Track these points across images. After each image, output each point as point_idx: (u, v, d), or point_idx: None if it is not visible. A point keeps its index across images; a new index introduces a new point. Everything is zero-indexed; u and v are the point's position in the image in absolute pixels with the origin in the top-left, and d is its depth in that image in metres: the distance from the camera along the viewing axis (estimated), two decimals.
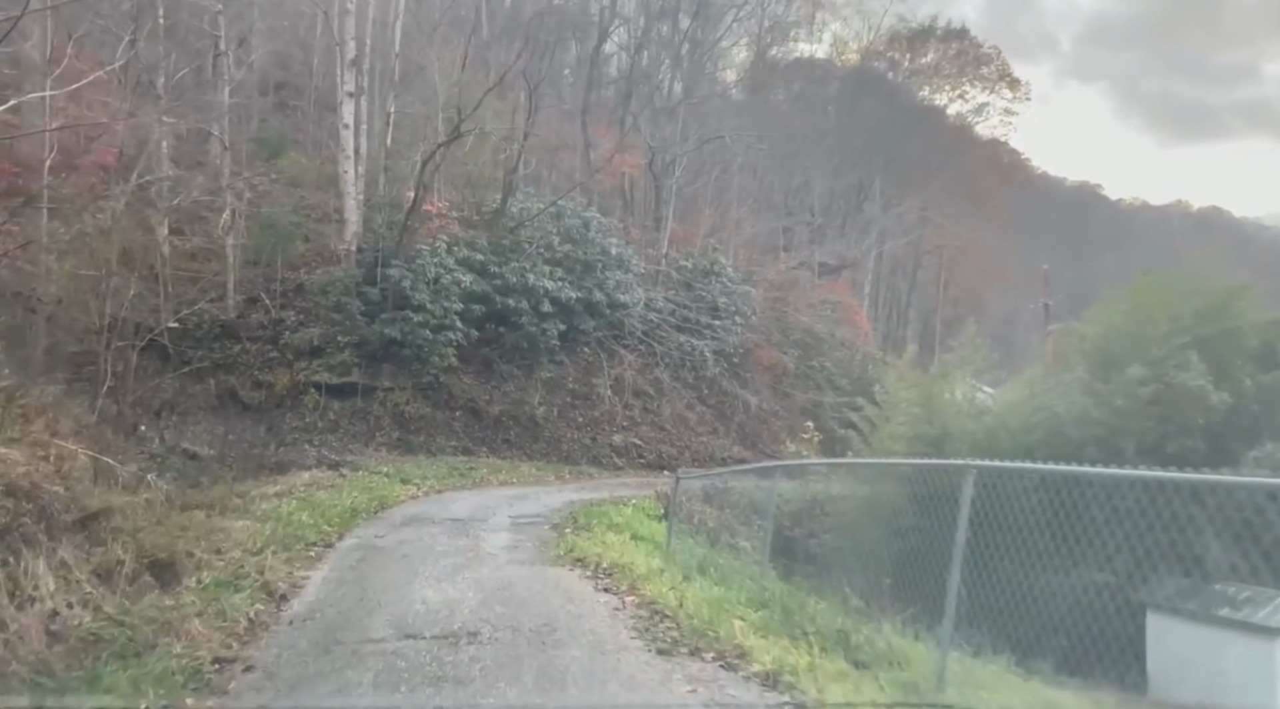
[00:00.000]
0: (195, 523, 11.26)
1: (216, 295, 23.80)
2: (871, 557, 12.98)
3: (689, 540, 14.92)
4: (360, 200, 24.33)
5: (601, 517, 15.14)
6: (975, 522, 8.19)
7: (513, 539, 12.68)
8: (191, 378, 22.85)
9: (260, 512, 13.35)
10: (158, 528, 10.02)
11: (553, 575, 9.61)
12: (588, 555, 10.68)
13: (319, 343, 23.23)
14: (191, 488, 14.81)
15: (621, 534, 13.56)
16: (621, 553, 11.02)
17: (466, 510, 15.43)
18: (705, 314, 28.98)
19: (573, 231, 26.49)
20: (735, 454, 29.42)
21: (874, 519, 15.69)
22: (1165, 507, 6.55)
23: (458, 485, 19.25)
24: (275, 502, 14.49)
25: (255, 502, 14.24)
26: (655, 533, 14.52)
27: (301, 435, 22.23)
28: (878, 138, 48.14)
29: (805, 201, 42.43)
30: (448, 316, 23.49)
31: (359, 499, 15.24)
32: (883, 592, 8.59)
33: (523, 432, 24.89)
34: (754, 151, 34.09)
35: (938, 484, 8.28)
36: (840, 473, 23.35)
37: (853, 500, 19.29)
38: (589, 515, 15.28)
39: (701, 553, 11.37)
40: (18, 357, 15.36)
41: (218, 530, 11.28)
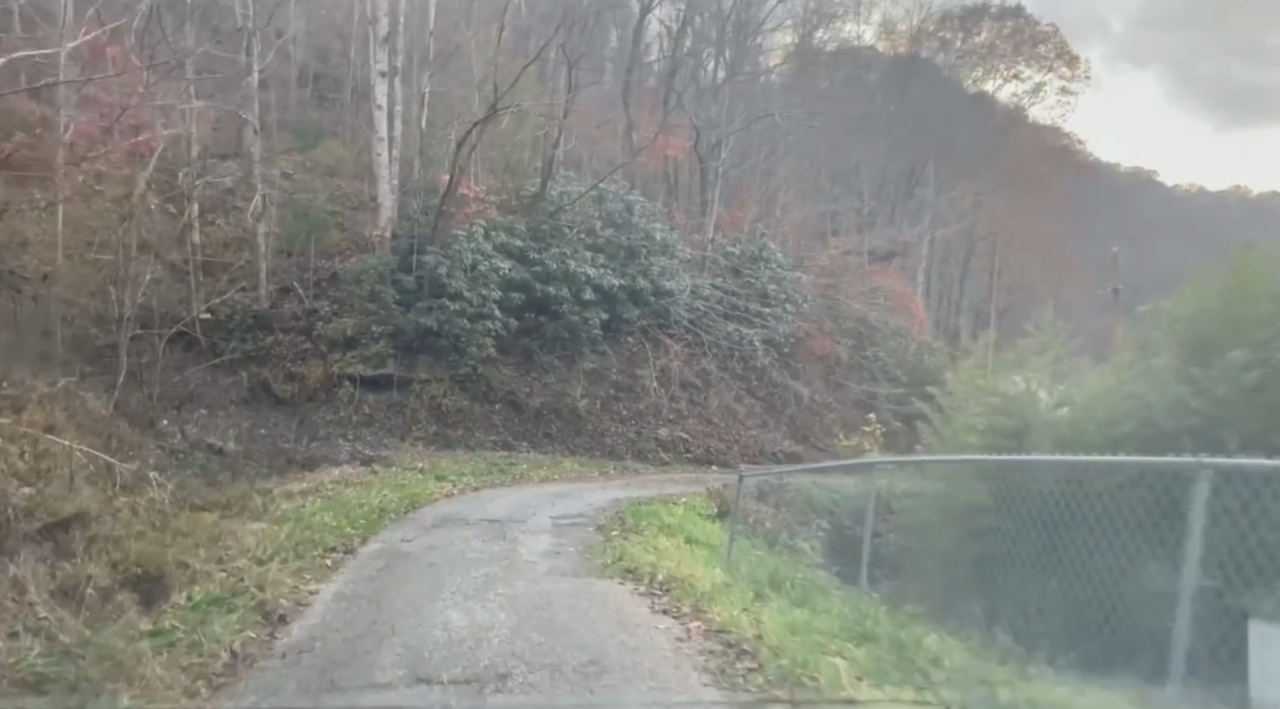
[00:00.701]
0: (202, 527, 9.99)
1: (248, 285, 22.76)
2: (949, 561, 11.47)
3: (752, 547, 13.38)
4: (395, 185, 23.10)
5: (651, 517, 13.64)
6: (1053, 522, 6.69)
7: (554, 544, 11.24)
8: (223, 370, 21.85)
9: (279, 512, 12.09)
10: (151, 535, 8.75)
11: (600, 591, 8.12)
12: (639, 565, 9.18)
13: (353, 333, 22.05)
14: (210, 486, 13.63)
15: (674, 538, 12.06)
16: (678, 562, 9.50)
17: (504, 510, 14.04)
18: (754, 302, 27.33)
19: (615, 216, 25.01)
20: (786, 449, 27.76)
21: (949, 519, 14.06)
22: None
23: (496, 482, 17.89)
24: (299, 501, 13.24)
25: (276, 501, 13.00)
26: (711, 536, 12.99)
27: (335, 430, 21.07)
28: (928, 122, 45.97)
29: (854, 186, 40.43)
30: (486, 305, 22.16)
31: (389, 498, 13.92)
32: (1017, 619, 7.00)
33: (564, 425, 23.49)
34: (803, 132, 32.32)
35: (1041, 482, 7.15)
36: (908, 469, 21.65)
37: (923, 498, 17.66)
38: (637, 516, 13.80)
39: (772, 564, 9.79)
40: (31, 347, 14.30)
41: (226, 535, 9.98)
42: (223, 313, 22.07)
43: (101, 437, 12.36)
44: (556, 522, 13.20)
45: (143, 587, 7.56)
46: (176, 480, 12.86)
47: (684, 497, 17.16)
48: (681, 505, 15.89)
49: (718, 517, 15.93)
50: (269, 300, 22.58)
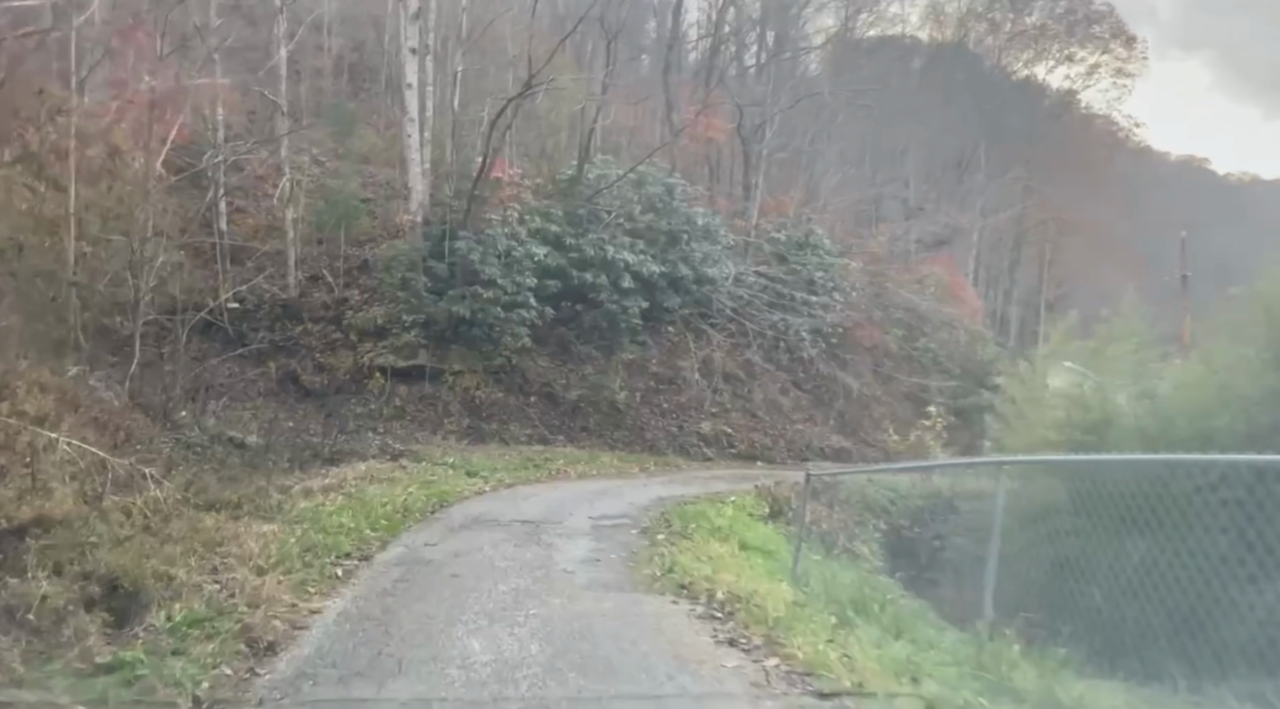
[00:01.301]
0: (204, 529, 8.84)
1: (277, 273, 21.82)
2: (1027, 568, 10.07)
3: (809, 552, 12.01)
4: (426, 169, 21.97)
5: (699, 519, 12.31)
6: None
7: (594, 549, 9.96)
8: (250, 361, 20.93)
9: (295, 512, 10.94)
10: (139, 541, 7.60)
11: (650, 612, 6.82)
12: (694, 578, 7.87)
13: (383, 323, 20.98)
14: (226, 482, 12.52)
15: (728, 543, 10.73)
16: (738, 575, 8.17)
17: (539, 509, 12.79)
18: (800, 290, 25.83)
19: (655, 200, 23.67)
20: (834, 444, 26.27)
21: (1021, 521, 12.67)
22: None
23: (531, 478, 16.67)
24: (318, 499, 12.10)
25: (293, 499, 11.86)
26: (768, 541, 11.65)
27: (365, 422, 20.01)
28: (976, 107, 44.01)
29: (899, 173, 38.61)
30: (520, 293, 20.95)
31: (415, 496, 12.74)
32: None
33: (603, 419, 22.23)
34: (849, 114, 30.67)
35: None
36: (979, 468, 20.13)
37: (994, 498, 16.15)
38: (684, 517, 12.48)
39: (848, 578, 8.42)
40: (44, 334, 13.33)
41: (230, 539, 8.82)
42: (250, 302, 21.18)
43: (107, 429, 11.33)
44: (596, 523, 11.93)
45: (116, 604, 6.41)
46: (187, 476, 11.83)
47: (732, 495, 15.81)
48: (730, 505, 14.54)
49: (770, 518, 14.58)
50: (298, 289, 21.61)
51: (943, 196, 38.86)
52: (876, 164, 36.78)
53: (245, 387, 20.60)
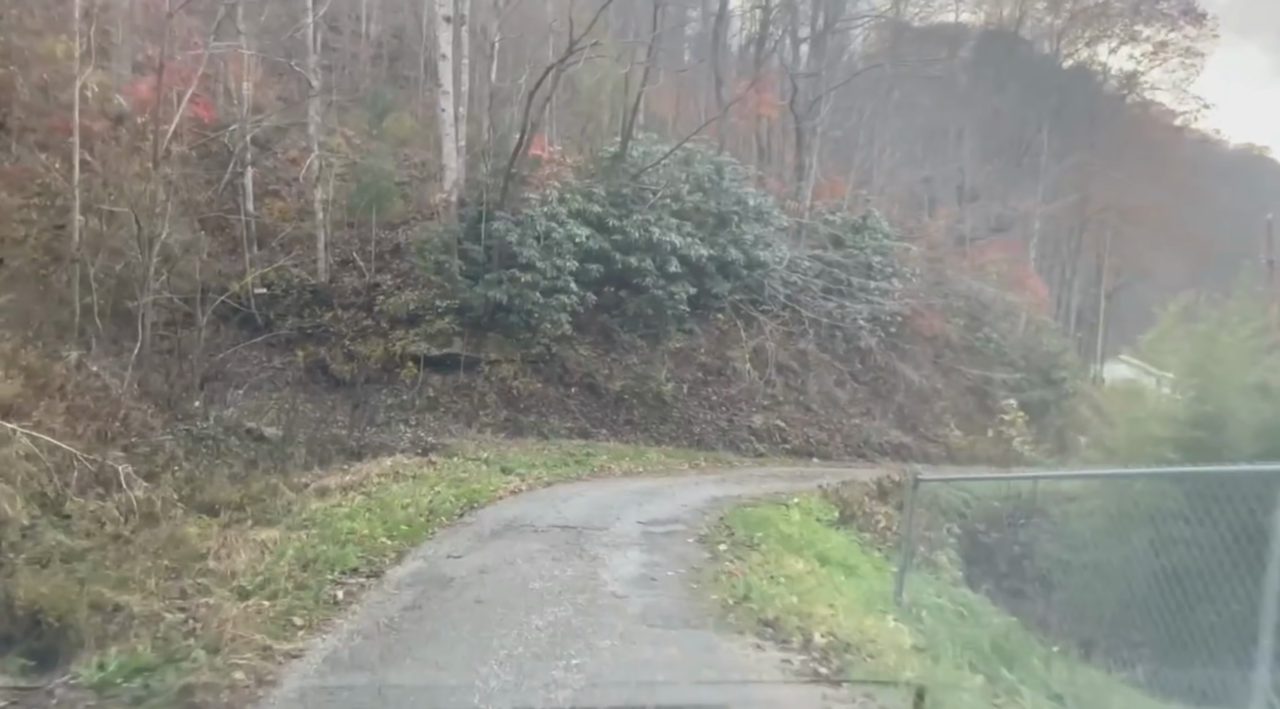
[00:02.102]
0: (184, 540, 7.35)
1: (306, 257, 20.49)
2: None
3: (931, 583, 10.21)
4: (461, 147, 20.45)
5: (764, 525, 10.59)
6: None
7: (647, 564, 8.31)
8: (278, 349, 19.64)
9: (304, 515, 9.46)
10: (90, 557, 6.09)
11: (732, 664, 5.13)
12: (778, 610, 6.17)
13: (415, 308, 19.51)
14: (232, 479, 11.11)
15: (803, 556, 8.99)
16: (831, 604, 6.47)
17: (581, 512, 11.16)
18: (858, 275, 23.88)
19: (703, 180, 21.90)
20: (893, 440, 24.34)
21: None
22: None
23: (572, 476, 15.05)
24: (334, 498, 10.62)
25: (306, 499, 10.38)
26: (847, 554, 9.88)
27: (396, 414, 18.58)
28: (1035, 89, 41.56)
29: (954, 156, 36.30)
30: (560, 277, 19.34)
31: (443, 496, 11.20)
32: None
33: (648, 411, 20.55)
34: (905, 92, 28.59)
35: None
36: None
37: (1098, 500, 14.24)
38: (746, 523, 10.77)
39: (999, 625, 6.64)
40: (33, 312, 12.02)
41: (219, 550, 7.33)
42: (279, 287, 19.86)
43: (96, 420, 9.93)
44: (647, 530, 10.27)
45: (42, 644, 4.89)
46: (187, 473, 10.42)
47: (793, 496, 14.06)
48: (795, 508, 12.79)
49: (840, 523, 12.79)
50: (328, 274, 20.24)
51: (999, 182, 36.44)
52: (930, 148, 34.50)
53: (272, 375, 19.29)
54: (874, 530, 12.85)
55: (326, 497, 10.88)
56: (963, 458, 26.05)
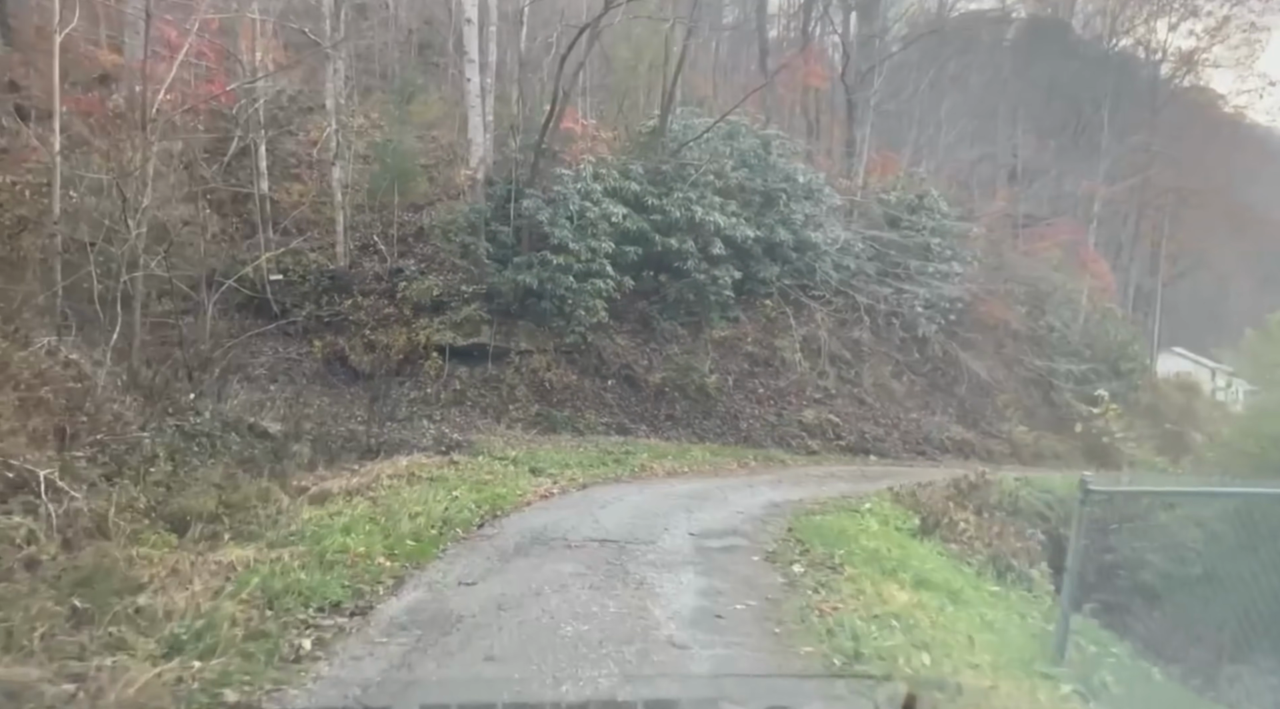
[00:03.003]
0: (113, 569, 5.65)
1: (325, 241, 18.96)
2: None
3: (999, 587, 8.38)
4: (489, 121, 18.77)
5: (840, 538, 8.72)
6: None
7: (707, 592, 6.50)
8: (296, 339, 18.14)
9: (294, 527, 7.77)
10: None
11: None
12: (911, 675, 4.30)
13: (440, 294, 17.87)
14: (224, 483, 9.47)
15: (900, 581, 7.10)
16: (974, 663, 4.58)
17: (622, 521, 9.37)
18: (915, 258, 21.80)
19: (749, 155, 20.00)
20: (955, 436, 22.26)
21: None
22: None
23: (609, 476, 13.25)
24: (335, 506, 8.93)
25: (298, 507, 8.69)
26: (950, 578, 7.97)
27: (420, 409, 16.95)
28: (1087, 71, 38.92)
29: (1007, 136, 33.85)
30: (595, 260, 17.58)
31: (462, 502, 9.46)
32: None
33: (691, 405, 18.71)
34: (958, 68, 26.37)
35: None
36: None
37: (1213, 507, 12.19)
38: (819, 534, 8.90)
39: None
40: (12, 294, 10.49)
41: (166, 580, 5.64)
42: (295, 273, 18.36)
43: (55, 414, 8.33)
44: (701, 544, 8.44)
45: None
46: (160, 476, 8.79)
47: (862, 500, 12.15)
48: (869, 515, 10.89)
49: (922, 533, 10.85)
50: (347, 258, 18.67)
51: (1057, 162, 33.91)
52: (984, 126, 32.09)
53: (288, 367, 17.79)
54: (959, 540, 10.89)
55: (326, 503, 9.20)
56: (1027, 456, 23.87)
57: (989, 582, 9.37)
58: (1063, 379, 26.06)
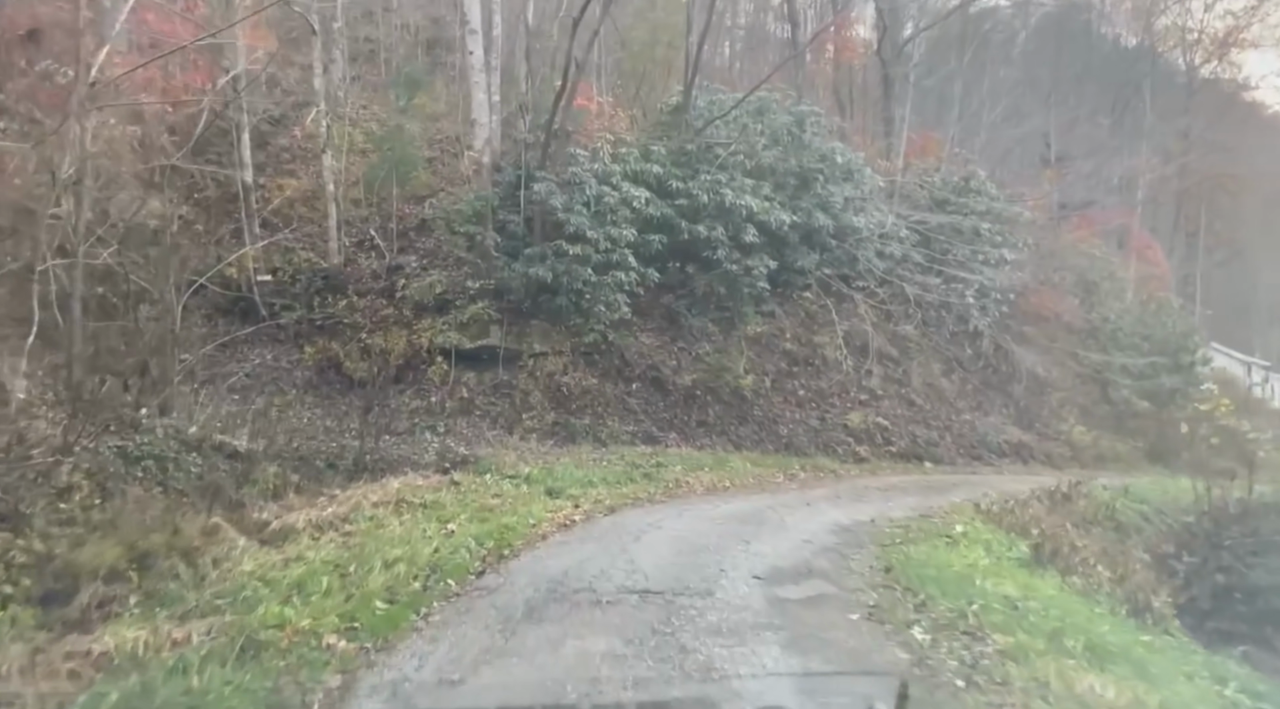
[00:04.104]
0: None
1: (319, 239, 16.91)
2: None
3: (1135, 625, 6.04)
4: (495, 102, 16.66)
5: (955, 580, 6.46)
6: None
7: (804, 681, 4.25)
8: (286, 344, 16.08)
9: (229, 583, 5.61)
10: None
11: None
12: None
13: (443, 291, 15.74)
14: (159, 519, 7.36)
15: (1070, 653, 4.81)
16: None
17: (663, 559, 7.14)
18: (963, 246, 19.47)
19: (781, 133, 17.78)
20: (1013, 438, 19.90)
21: None
22: None
23: (640, 496, 11.03)
24: (298, 547, 6.80)
25: (249, 550, 6.54)
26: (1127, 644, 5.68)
27: (422, 420, 14.82)
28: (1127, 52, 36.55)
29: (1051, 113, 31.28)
30: (616, 250, 15.38)
31: (459, 537, 7.28)
32: None
33: (725, 410, 16.45)
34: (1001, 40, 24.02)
35: None
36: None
37: None
38: (924, 574, 6.65)
39: None
40: None
41: None
42: (285, 273, 16.31)
43: None
44: (773, 592, 6.21)
45: None
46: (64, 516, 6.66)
47: (945, 519, 9.87)
48: (963, 541, 8.60)
49: (1037, 563, 8.53)
50: (341, 255, 16.58)
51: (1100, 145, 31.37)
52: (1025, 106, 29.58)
53: (278, 376, 15.71)
54: (1085, 572, 8.58)
55: (287, 542, 7.06)
56: (1088, 459, 21.45)
57: (1133, 627, 7.09)
58: (1119, 374, 23.61)
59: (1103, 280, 26.06)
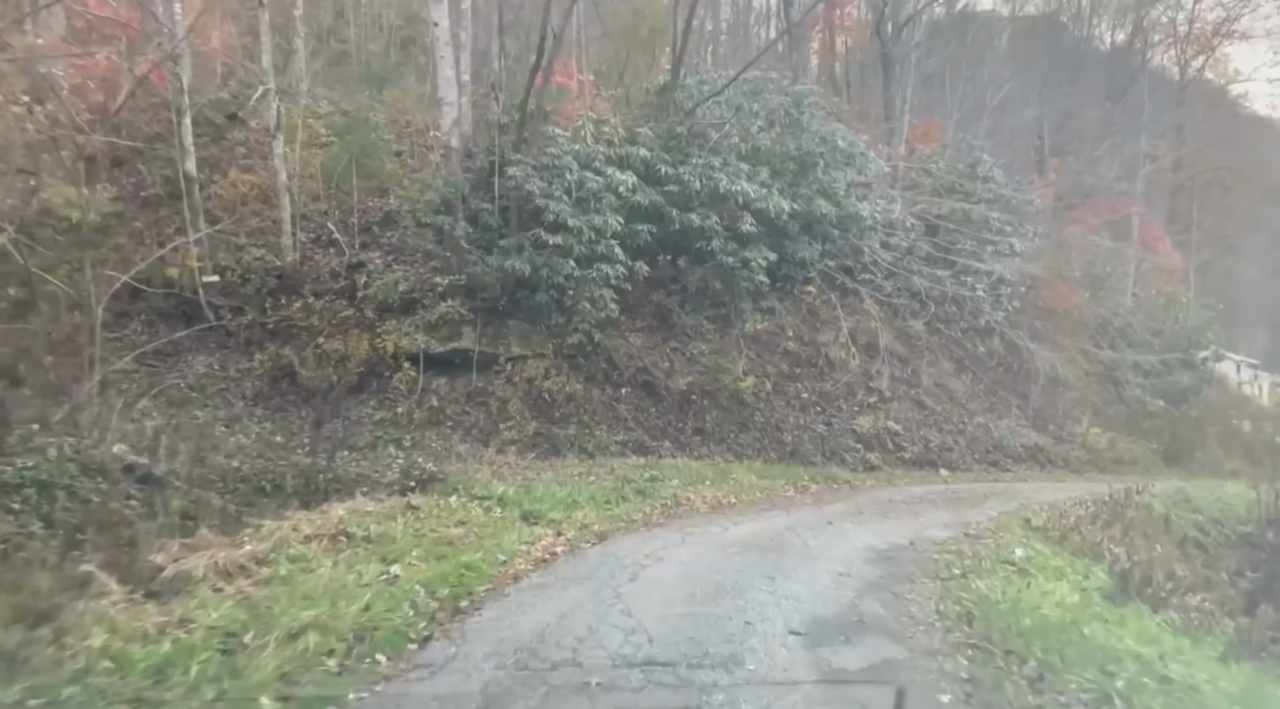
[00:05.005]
0: None
1: (273, 236, 15.11)
2: None
3: None
4: (465, 80, 14.94)
5: (1051, 631, 4.74)
6: None
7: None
8: (236, 352, 14.25)
9: (62, 670, 3.77)
10: None
11: None
12: None
13: (409, 289, 13.99)
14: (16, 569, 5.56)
15: None
16: None
17: (670, 609, 5.41)
18: (973, 236, 17.89)
19: (777, 114, 16.15)
20: (1030, 442, 18.34)
21: None
22: None
23: (634, 517, 9.25)
24: (186, 606, 4.99)
25: (117, 610, 4.73)
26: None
27: (385, 433, 13.04)
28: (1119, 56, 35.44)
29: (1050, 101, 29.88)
30: (600, 241, 13.67)
31: (404, 587, 5.50)
32: None
33: (723, 416, 14.76)
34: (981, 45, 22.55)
35: None
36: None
37: None
38: (1008, 625, 4.91)
39: None
40: None
41: None
42: (234, 272, 14.49)
43: None
44: (821, 658, 4.49)
45: None
46: None
47: (995, 540, 8.19)
48: (1030, 568, 6.92)
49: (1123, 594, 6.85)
50: (297, 252, 14.77)
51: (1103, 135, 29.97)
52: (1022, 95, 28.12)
53: (226, 386, 13.87)
54: (1171, 601, 6.92)
55: (175, 598, 5.28)
56: (1106, 462, 19.93)
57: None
58: (1131, 372, 22.15)
59: (1110, 274, 24.64)
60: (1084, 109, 32.69)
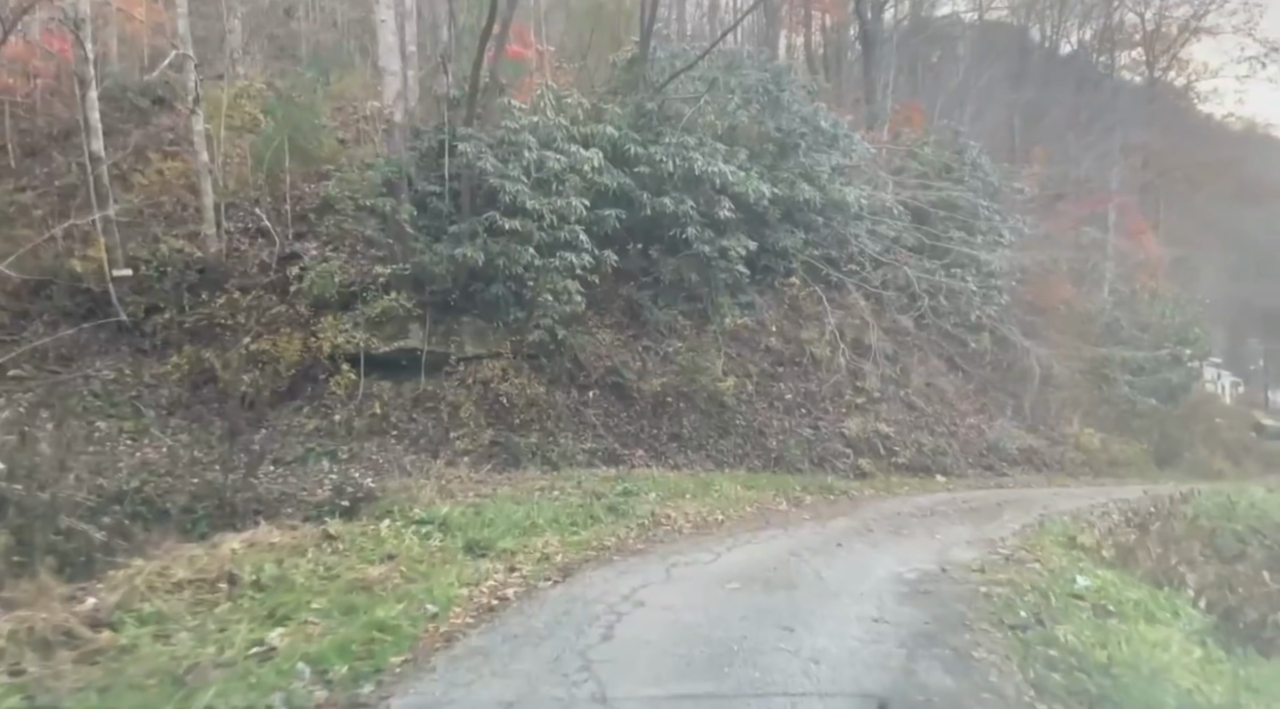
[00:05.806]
0: None
1: (191, 221, 13.25)
2: None
3: None
4: (411, 52, 13.24)
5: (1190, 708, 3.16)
6: None
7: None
8: (153, 354, 12.40)
9: None
10: None
11: None
12: None
13: (347, 281, 12.23)
14: None
15: None
16: None
17: (658, 695, 3.74)
18: (959, 226, 16.54)
19: (756, 90, 14.65)
20: (1027, 445, 17.05)
21: None
22: None
23: (605, 544, 7.55)
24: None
25: None
26: None
27: (319, 444, 11.27)
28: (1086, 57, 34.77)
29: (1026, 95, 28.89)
30: (564, 226, 12.04)
31: (282, 660, 3.78)
32: None
33: (702, 420, 13.16)
34: None
35: None
36: None
37: None
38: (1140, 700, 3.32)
39: None
40: None
41: None
42: (151, 266, 12.60)
43: None
44: None
45: None
46: None
47: (1034, 559, 6.70)
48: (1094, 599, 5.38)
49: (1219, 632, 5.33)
50: (222, 242, 12.93)
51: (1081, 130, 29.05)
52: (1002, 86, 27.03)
53: (139, 393, 12.00)
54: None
55: None
56: (1101, 464, 18.75)
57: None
58: (1120, 369, 21.02)
59: (1091, 267, 23.58)
60: (1054, 106, 31.85)
